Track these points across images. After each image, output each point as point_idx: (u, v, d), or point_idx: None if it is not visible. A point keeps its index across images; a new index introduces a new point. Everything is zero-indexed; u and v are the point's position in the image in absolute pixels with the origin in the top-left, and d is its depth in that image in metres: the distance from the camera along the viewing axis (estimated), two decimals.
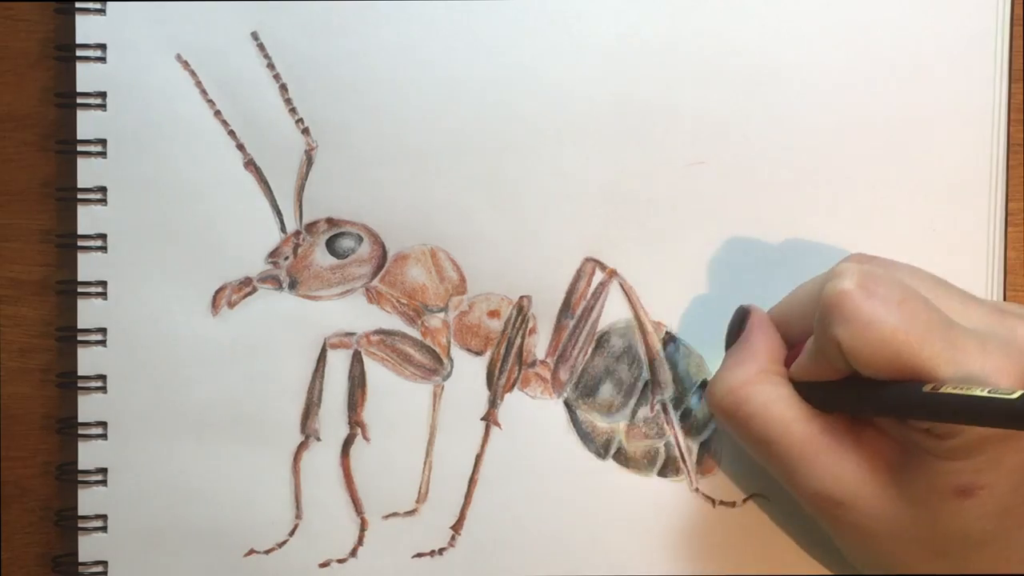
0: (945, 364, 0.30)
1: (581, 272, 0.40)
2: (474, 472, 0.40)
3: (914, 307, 0.31)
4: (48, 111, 0.40)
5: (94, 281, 0.40)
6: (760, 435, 0.34)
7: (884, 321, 0.31)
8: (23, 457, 0.41)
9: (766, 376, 0.35)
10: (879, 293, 0.31)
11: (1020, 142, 0.41)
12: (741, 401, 0.34)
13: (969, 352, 0.31)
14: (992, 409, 0.29)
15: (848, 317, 0.31)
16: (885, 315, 0.31)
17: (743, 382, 0.35)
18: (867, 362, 0.31)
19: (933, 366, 0.30)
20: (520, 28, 0.40)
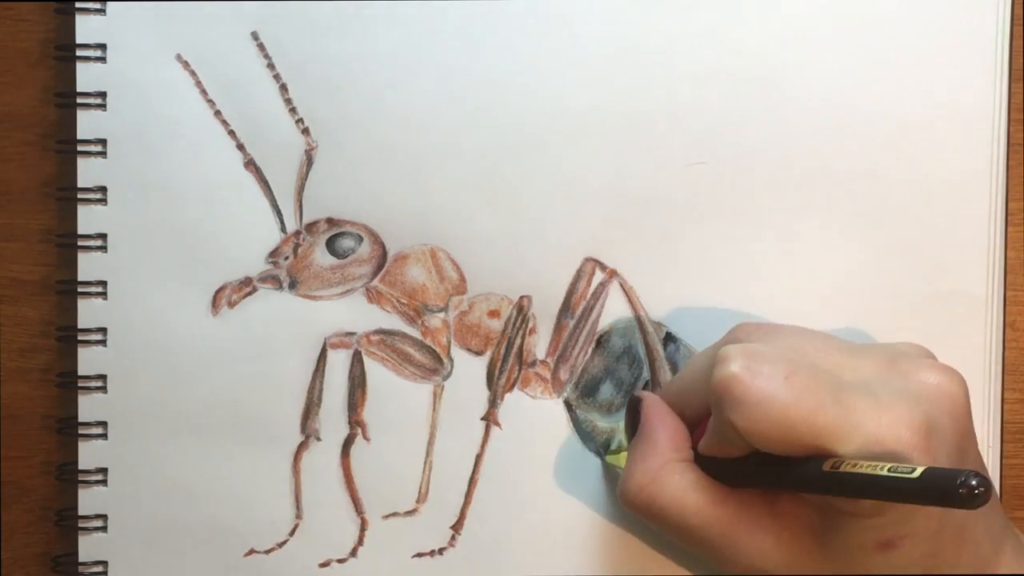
0: (841, 430, 0.30)
1: (581, 272, 0.40)
2: (474, 472, 0.40)
3: (802, 379, 0.31)
4: (48, 111, 0.40)
5: (94, 281, 0.40)
6: (678, 526, 0.34)
7: (774, 399, 0.31)
8: (23, 457, 0.41)
9: (672, 467, 0.35)
10: (764, 372, 0.31)
11: (1020, 142, 0.41)
12: (653, 497, 0.34)
13: (864, 412, 0.31)
14: (894, 487, 0.29)
15: (738, 400, 0.31)
16: (774, 393, 0.31)
17: (651, 478, 0.35)
18: (765, 441, 0.31)
19: (830, 434, 0.30)
20: (520, 28, 0.40)
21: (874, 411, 0.31)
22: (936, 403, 0.32)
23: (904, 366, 0.33)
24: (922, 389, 0.32)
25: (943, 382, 0.32)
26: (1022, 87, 0.41)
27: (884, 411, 0.31)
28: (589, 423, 0.40)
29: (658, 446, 0.35)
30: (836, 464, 0.30)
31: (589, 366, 0.41)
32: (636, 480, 0.35)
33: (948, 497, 0.27)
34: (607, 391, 0.41)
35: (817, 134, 0.40)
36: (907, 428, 0.30)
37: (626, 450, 0.39)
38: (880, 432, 0.30)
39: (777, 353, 0.32)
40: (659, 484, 0.34)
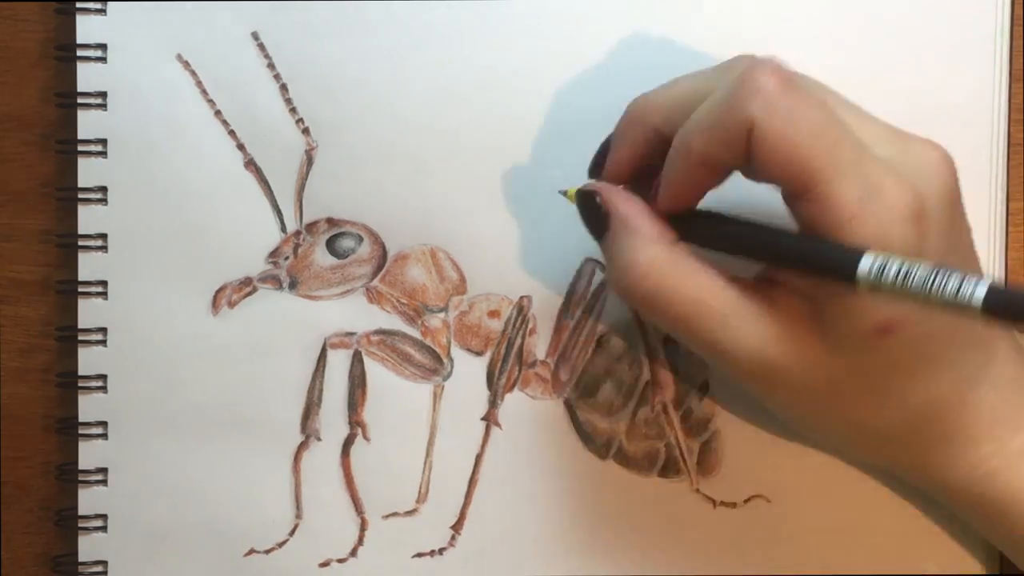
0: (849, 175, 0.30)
1: (581, 272, 0.40)
2: (474, 472, 0.40)
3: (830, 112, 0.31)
4: (48, 111, 0.40)
5: (94, 281, 0.40)
6: (686, 309, 0.33)
7: (804, 115, 0.31)
8: (23, 457, 0.41)
9: (670, 251, 0.34)
10: (802, 89, 0.31)
11: (1020, 142, 0.41)
12: (659, 283, 0.33)
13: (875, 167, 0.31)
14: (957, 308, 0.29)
15: (769, 102, 0.30)
16: (806, 109, 0.31)
17: (653, 265, 0.33)
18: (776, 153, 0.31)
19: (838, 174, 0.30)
20: (520, 28, 0.40)
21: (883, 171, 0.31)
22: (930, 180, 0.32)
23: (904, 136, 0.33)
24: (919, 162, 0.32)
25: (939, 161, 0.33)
26: (1022, 87, 0.41)
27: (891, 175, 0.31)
28: (589, 423, 0.40)
29: (647, 233, 0.34)
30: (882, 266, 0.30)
31: (589, 367, 0.41)
32: (638, 268, 0.33)
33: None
34: (607, 392, 0.41)
35: None
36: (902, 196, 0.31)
37: None
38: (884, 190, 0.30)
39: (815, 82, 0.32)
40: (663, 270, 0.33)
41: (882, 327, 0.32)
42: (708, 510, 0.41)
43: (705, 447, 0.41)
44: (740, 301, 0.33)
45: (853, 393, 0.34)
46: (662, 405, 0.41)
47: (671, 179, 0.34)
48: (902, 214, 0.30)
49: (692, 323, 0.34)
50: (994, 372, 0.34)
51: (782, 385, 0.34)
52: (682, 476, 0.41)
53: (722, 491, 0.41)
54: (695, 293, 0.33)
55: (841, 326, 0.32)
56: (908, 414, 0.34)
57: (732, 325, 0.33)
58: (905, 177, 0.31)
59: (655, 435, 0.41)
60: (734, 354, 0.33)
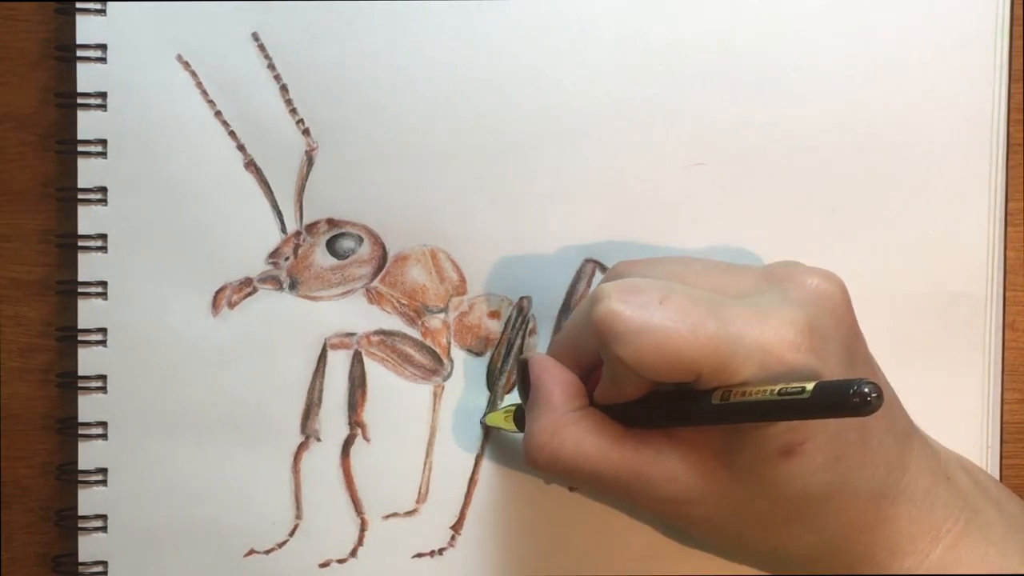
0: (724, 345, 0.31)
1: (581, 272, 0.40)
2: (474, 472, 0.40)
3: (677, 301, 0.31)
4: (48, 111, 0.40)
5: (94, 281, 0.40)
6: (583, 475, 0.34)
7: (651, 324, 0.31)
8: (23, 457, 0.41)
9: (568, 418, 0.35)
10: (640, 301, 0.31)
11: (1020, 142, 0.41)
12: (555, 452, 0.34)
13: (744, 321, 0.31)
14: (787, 407, 0.29)
15: (619, 333, 0.31)
16: (650, 318, 0.31)
17: (550, 434, 0.34)
18: (653, 369, 0.31)
19: (713, 351, 0.31)
20: (520, 29, 0.40)
21: (755, 319, 0.31)
22: (816, 304, 0.32)
23: (780, 274, 0.33)
24: (801, 293, 0.32)
25: (821, 283, 0.33)
26: (1022, 87, 0.41)
27: (765, 318, 0.31)
28: None
29: (551, 401, 0.35)
30: (725, 395, 0.31)
31: None
32: (536, 439, 0.35)
33: (843, 408, 0.28)
34: None
35: (817, 135, 0.40)
36: (790, 329, 0.31)
37: (503, 411, 0.39)
38: (764, 338, 0.31)
39: (650, 282, 0.32)
40: (559, 438, 0.34)
41: (785, 449, 0.32)
42: None
43: None
44: (639, 451, 0.34)
45: (766, 522, 0.34)
46: None
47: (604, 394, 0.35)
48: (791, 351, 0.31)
49: (595, 485, 0.35)
50: (908, 486, 0.34)
51: (696, 519, 0.34)
52: None
53: None
54: (589, 459, 0.34)
55: (746, 452, 0.32)
56: (827, 537, 0.34)
57: (635, 476, 0.34)
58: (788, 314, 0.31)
59: None
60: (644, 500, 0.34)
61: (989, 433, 0.41)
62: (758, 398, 0.30)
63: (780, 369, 0.30)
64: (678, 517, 0.34)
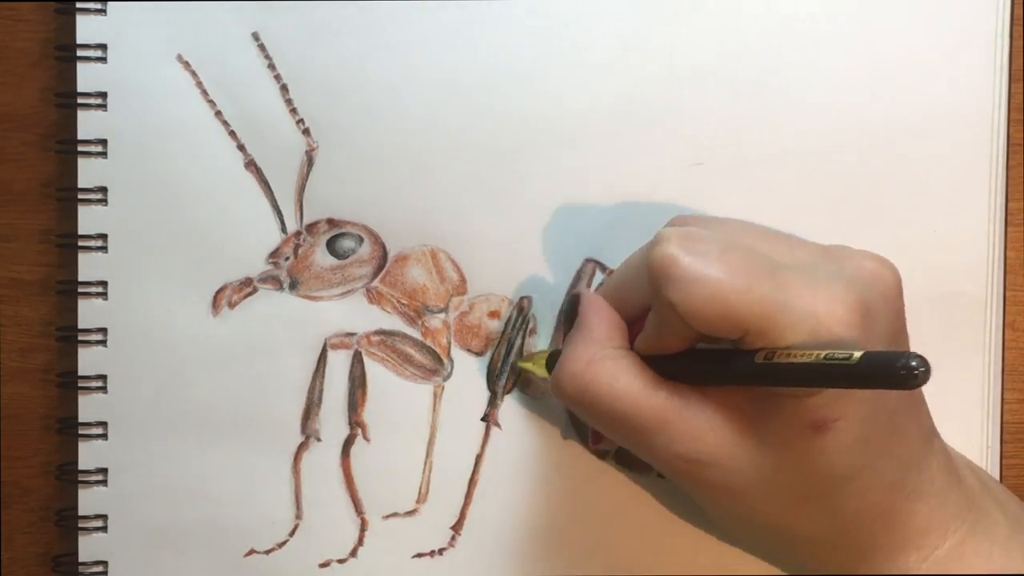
0: (776, 305, 0.30)
1: (581, 273, 0.40)
2: (474, 472, 0.41)
3: (735, 256, 0.31)
4: (48, 111, 0.40)
5: (94, 281, 0.40)
6: (610, 413, 0.34)
7: (708, 274, 0.31)
8: (23, 457, 0.41)
9: (606, 353, 0.35)
10: (699, 249, 0.31)
11: (1020, 142, 0.41)
12: (586, 383, 0.34)
13: (799, 288, 0.31)
14: (832, 372, 0.29)
15: (675, 278, 0.31)
16: (708, 268, 0.31)
17: (585, 364, 0.34)
18: (703, 319, 0.31)
19: (764, 309, 0.30)
20: (520, 29, 0.40)
21: (809, 288, 0.31)
22: (871, 286, 0.32)
23: (838, 253, 0.33)
24: (857, 272, 0.32)
25: (877, 267, 0.33)
26: (1022, 87, 0.41)
27: (820, 289, 0.31)
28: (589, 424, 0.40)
29: (592, 334, 0.35)
30: (769, 355, 0.31)
31: None
32: (569, 368, 0.35)
33: (890, 378, 0.27)
34: None
35: (817, 135, 0.40)
36: (842, 305, 0.31)
37: (538, 356, 0.39)
38: (815, 308, 0.31)
39: (712, 234, 0.32)
40: (592, 371, 0.34)
41: (817, 424, 0.32)
42: None
43: None
44: (669, 401, 0.33)
45: (784, 496, 0.33)
46: None
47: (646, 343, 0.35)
48: (840, 324, 0.31)
49: (617, 426, 0.34)
50: (925, 482, 0.34)
51: (712, 483, 0.34)
52: None
53: None
54: (619, 397, 0.34)
55: (777, 422, 0.32)
56: (839, 522, 0.34)
57: (660, 425, 0.33)
58: (842, 289, 0.31)
59: None
60: (663, 453, 0.34)
61: (989, 433, 0.41)
62: (804, 360, 0.29)
63: (827, 339, 0.30)
64: (694, 478, 0.34)
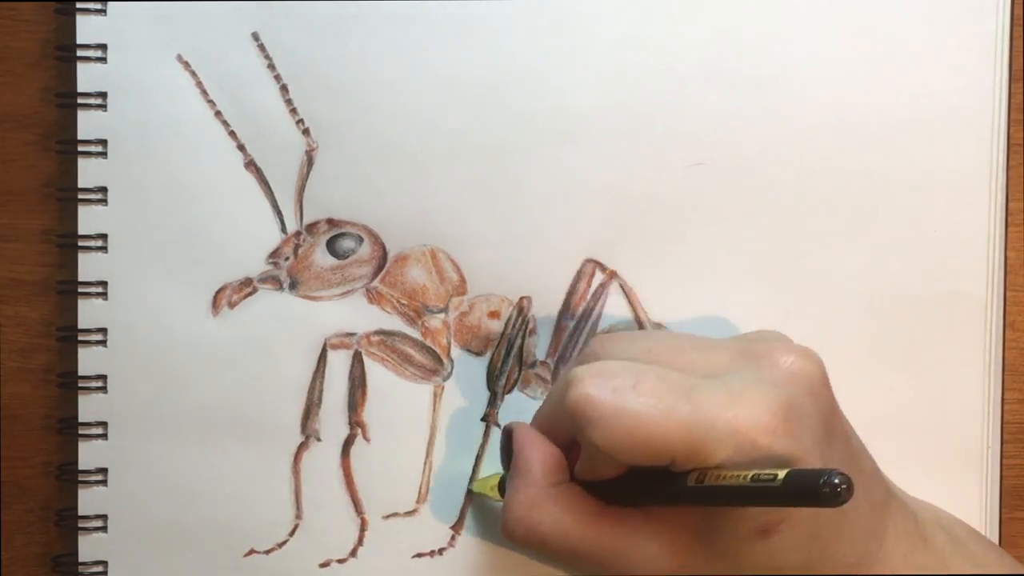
0: (698, 428, 0.30)
1: (581, 273, 0.40)
2: (474, 472, 0.40)
3: (651, 385, 0.31)
4: (49, 111, 0.40)
5: (94, 281, 0.40)
6: (560, 552, 0.34)
7: (625, 410, 0.31)
8: (23, 457, 0.41)
9: (546, 493, 0.34)
10: (614, 385, 0.31)
11: (1020, 142, 0.41)
12: (532, 527, 0.34)
13: (718, 405, 0.31)
14: (760, 493, 0.29)
15: (592, 419, 0.31)
16: (623, 404, 0.31)
17: (527, 508, 0.34)
18: (628, 454, 0.31)
19: (687, 435, 0.30)
20: (520, 29, 0.40)
21: (729, 403, 0.31)
22: (793, 384, 0.32)
23: (757, 352, 0.33)
24: (776, 373, 0.32)
25: (796, 362, 0.32)
26: (1022, 87, 0.41)
27: (739, 401, 0.31)
28: None
29: (531, 475, 0.35)
30: (700, 478, 0.31)
31: None
32: (514, 512, 0.34)
33: (813, 498, 0.28)
34: None
35: (817, 135, 0.40)
36: (764, 411, 0.30)
37: (490, 479, 0.39)
38: (737, 421, 0.30)
39: (623, 366, 0.32)
40: (537, 512, 0.34)
41: (762, 530, 0.31)
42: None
43: None
44: (615, 529, 0.33)
45: None
46: None
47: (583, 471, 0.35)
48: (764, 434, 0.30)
49: (570, 561, 0.34)
50: (886, 554, 0.34)
51: None
52: None
53: None
54: (566, 535, 0.34)
55: (723, 532, 0.32)
56: None
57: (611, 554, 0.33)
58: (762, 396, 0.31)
59: None
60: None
61: (989, 433, 0.41)
62: (732, 483, 0.30)
63: (754, 452, 0.30)
64: None
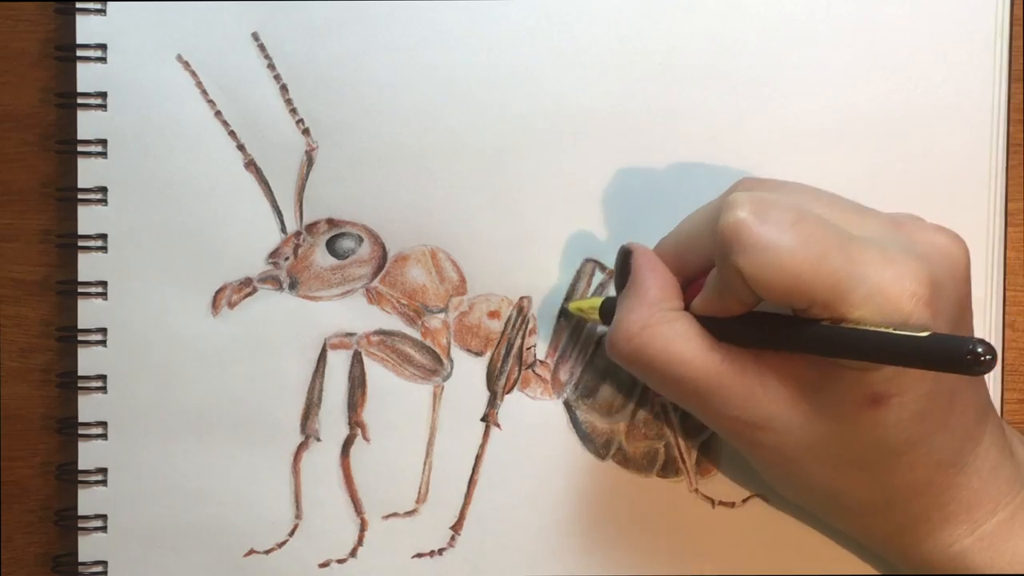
0: (847, 279, 0.30)
1: (581, 272, 0.40)
2: (474, 472, 0.40)
3: (808, 227, 0.31)
4: (48, 111, 0.40)
5: (94, 281, 0.40)
6: (666, 376, 0.34)
7: (780, 243, 0.30)
8: (23, 457, 0.41)
9: (662, 316, 0.34)
10: (772, 217, 0.31)
11: (1020, 142, 0.41)
12: (642, 347, 0.34)
13: (869, 262, 0.30)
14: (899, 347, 0.28)
15: (746, 246, 0.31)
16: (781, 237, 0.30)
17: (641, 326, 0.34)
18: (770, 288, 0.31)
19: (835, 282, 0.30)
20: (520, 29, 0.40)
21: (880, 262, 0.30)
22: (940, 263, 0.32)
23: (910, 227, 0.33)
24: (928, 248, 0.32)
25: (947, 244, 0.32)
26: (1022, 87, 0.41)
27: (890, 263, 0.30)
28: (589, 424, 0.40)
29: (648, 296, 0.35)
30: (836, 321, 0.30)
31: (589, 367, 0.41)
32: (625, 329, 0.34)
33: (954, 362, 0.27)
34: (607, 392, 0.41)
35: (817, 134, 0.40)
36: (912, 280, 0.30)
37: (589, 301, 0.39)
38: (885, 283, 0.30)
39: (785, 202, 0.32)
40: (647, 334, 0.34)
41: (875, 398, 0.32)
42: (707, 510, 0.41)
43: (704, 447, 0.41)
44: (725, 364, 0.33)
45: (834, 463, 0.34)
46: (661, 405, 0.41)
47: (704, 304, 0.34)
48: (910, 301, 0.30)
49: (672, 388, 0.34)
50: (978, 458, 0.34)
51: (764, 446, 0.34)
52: (681, 476, 0.41)
53: (720, 491, 0.41)
54: (675, 361, 0.33)
55: (833, 392, 0.32)
56: (888, 492, 0.34)
57: (715, 389, 0.33)
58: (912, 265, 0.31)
59: (654, 435, 0.41)
60: (718, 416, 0.34)
61: None
62: (871, 330, 0.29)
63: (894, 316, 0.30)
64: (746, 440, 0.34)
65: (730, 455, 0.40)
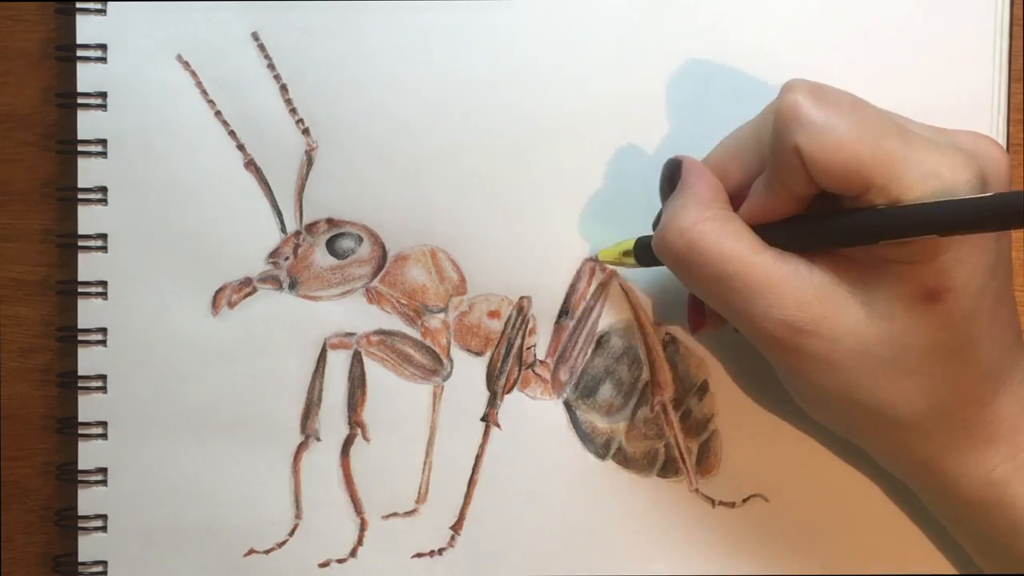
0: (904, 160, 0.31)
1: (581, 272, 0.40)
2: (474, 472, 0.41)
3: (866, 110, 0.32)
4: (49, 111, 0.40)
5: (94, 281, 0.40)
6: (714, 273, 0.34)
7: (839, 123, 0.31)
8: (23, 457, 0.41)
9: (713, 214, 0.34)
10: (831, 99, 0.32)
11: (1020, 142, 0.41)
12: (694, 241, 0.34)
13: (925, 150, 0.31)
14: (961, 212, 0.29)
15: (805, 124, 0.31)
16: (838, 117, 0.31)
17: (691, 222, 0.34)
18: (827, 169, 0.31)
19: (892, 163, 0.31)
20: (520, 29, 0.40)
21: (936, 151, 0.31)
22: (987, 160, 0.32)
23: (952, 131, 0.33)
24: (974, 147, 0.32)
25: (991, 146, 0.33)
26: (1022, 87, 0.41)
27: (944, 153, 0.31)
28: (589, 424, 0.40)
29: (699, 196, 0.35)
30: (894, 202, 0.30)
31: (589, 367, 0.41)
32: (678, 224, 0.34)
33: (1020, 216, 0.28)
34: (607, 392, 0.41)
35: None
36: (966, 170, 0.31)
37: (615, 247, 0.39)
38: (942, 168, 0.30)
39: (841, 90, 0.32)
40: (700, 228, 0.34)
41: (930, 292, 0.32)
42: (707, 510, 0.41)
43: (704, 447, 0.41)
44: (776, 264, 0.33)
45: (882, 370, 0.33)
46: (661, 405, 0.41)
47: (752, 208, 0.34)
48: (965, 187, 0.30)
49: (721, 287, 0.34)
50: (1015, 381, 0.34)
51: (810, 354, 0.33)
52: (681, 476, 0.41)
53: (721, 491, 0.41)
54: (727, 257, 0.33)
55: (887, 289, 0.32)
56: (934, 402, 0.34)
57: (766, 288, 0.33)
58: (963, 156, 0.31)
59: (654, 435, 0.41)
60: (766, 318, 0.33)
61: None
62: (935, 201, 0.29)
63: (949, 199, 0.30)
64: (792, 348, 0.33)
65: (730, 455, 0.40)
